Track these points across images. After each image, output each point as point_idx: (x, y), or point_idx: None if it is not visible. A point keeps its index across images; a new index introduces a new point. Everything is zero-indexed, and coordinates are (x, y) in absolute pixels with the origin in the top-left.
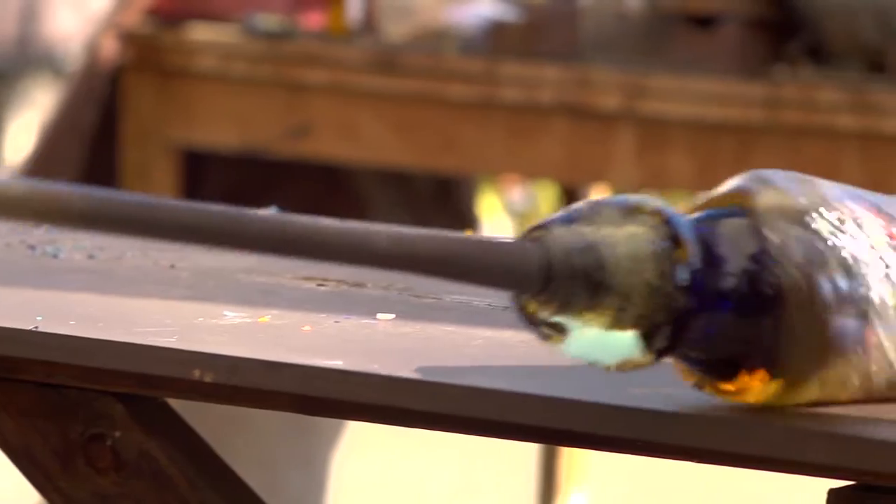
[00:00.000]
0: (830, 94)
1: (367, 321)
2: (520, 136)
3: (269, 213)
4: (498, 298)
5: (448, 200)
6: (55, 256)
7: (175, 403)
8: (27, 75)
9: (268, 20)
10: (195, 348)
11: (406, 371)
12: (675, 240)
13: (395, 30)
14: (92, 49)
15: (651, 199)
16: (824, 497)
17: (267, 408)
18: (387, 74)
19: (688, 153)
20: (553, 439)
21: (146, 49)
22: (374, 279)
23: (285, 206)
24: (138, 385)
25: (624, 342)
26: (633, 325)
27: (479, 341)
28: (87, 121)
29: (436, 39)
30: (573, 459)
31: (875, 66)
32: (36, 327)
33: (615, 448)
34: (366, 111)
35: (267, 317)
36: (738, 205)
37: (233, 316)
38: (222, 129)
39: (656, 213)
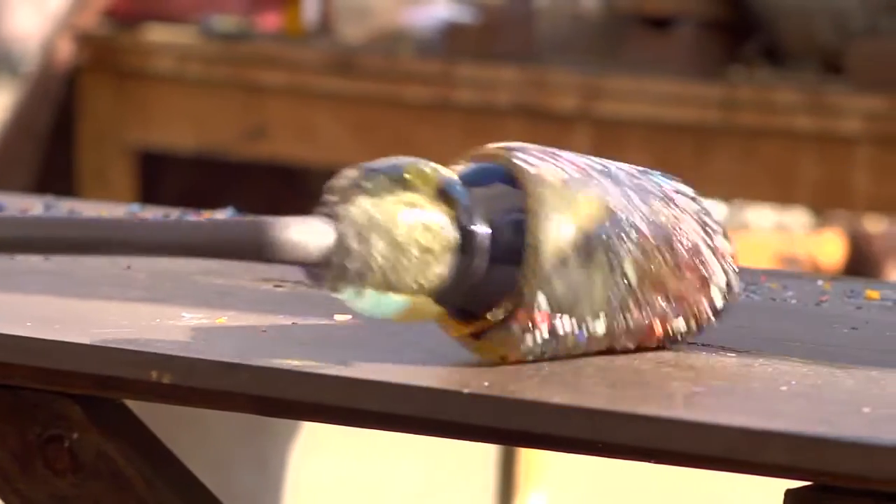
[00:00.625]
0: (787, 96)
1: (324, 322)
2: (476, 137)
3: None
4: None
5: None
6: (11, 258)
7: (129, 403)
8: None
9: (224, 21)
10: (153, 350)
11: (364, 372)
12: (448, 202)
13: (352, 31)
14: (47, 50)
15: (423, 163)
16: (781, 497)
17: (225, 409)
18: (343, 76)
19: (645, 154)
20: (510, 440)
21: (102, 50)
22: None
23: (242, 208)
24: (96, 386)
25: (404, 299)
26: (413, 284)
27: (434, 343)
28: (43, 123)
29: (392, 41)
30: (531, 460)
31: (831, 67)
32: None
33: (573, 449)
34: (322, 112)
35: (224, 318)
36: (499, 161)
37: (190, 317)
38: (179, 130)
39: (429, 176)
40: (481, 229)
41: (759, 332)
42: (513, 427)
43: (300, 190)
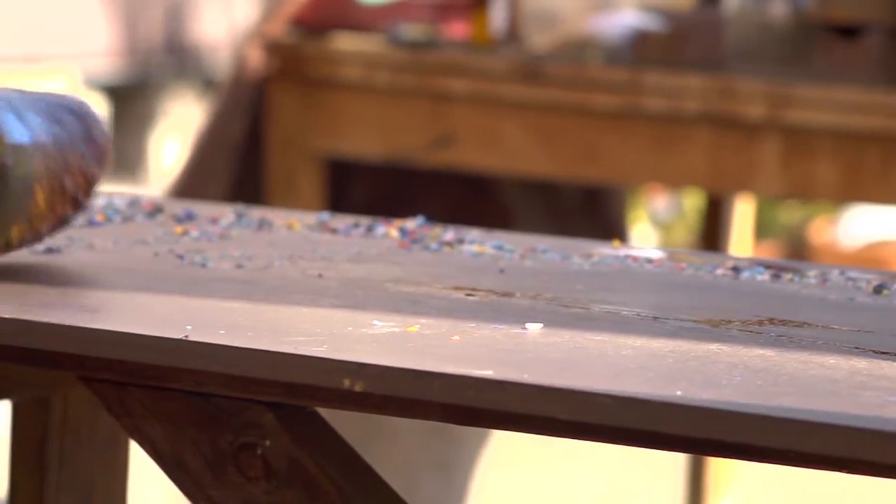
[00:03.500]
0: None
1: (516, 331)
2: (664, 145)
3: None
4: (647, 309)
5: (596, 210)
6: (203, 266)
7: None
8: (174, 83)
9: (412, 30)
10: (345, 357)
11: (556, 380)
12: None
13: (539, 39)
14: (238, 59)
15: None
16: None
17: (416, 417)
18: (530, 84)
19: (833, 162)
20: (702, 449)
21: (291, 59)
22: (523, 289)
23: (431, 216)
24: (288, 394)
25: None
26: None
27: (628, 351)
28: (236, 132)
29: (579, 49)
30: (721, 468)
31: None
32: (186, 336)
33: (765, 458)
34: (509, 121)
35: (416, 326)
36: None
37: (382, 325)
38: (366, 138)
39: None
40: None
41: None
42: (705, 436)
43: (487, 198)
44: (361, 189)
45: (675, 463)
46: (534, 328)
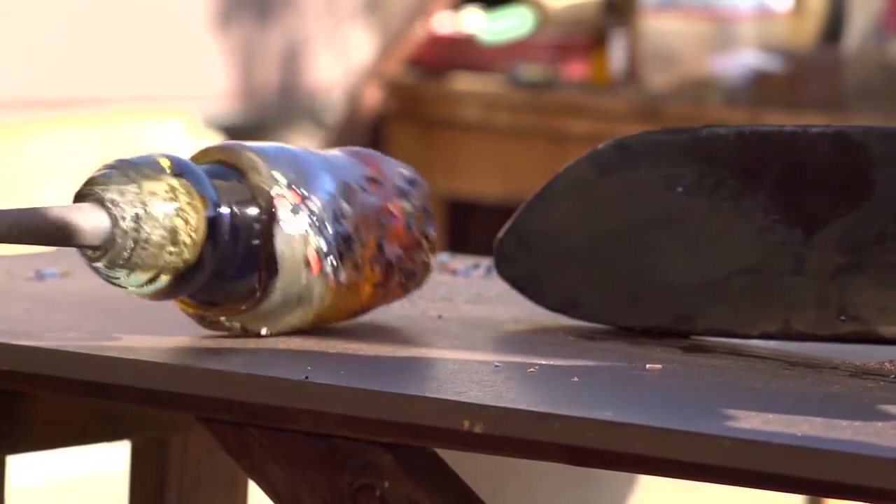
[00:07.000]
0: None
1: (636, 372)
2: None
3: None
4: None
5: None
6: None
7: (447, 453)
8: (289, 125)
9: (531, 70)
10: (463, 399)
11: (675, 422)
12: (195, 197)
13: (658, 79)
14: (354, 98)
15: (173, 157)
16: None
17: (536, 458)
18: (649, 124)
19: None
20: (822, 491)
21: (408, 99)
22: None
23: None
24: (407, 435)
25: (160, 283)
26: (167, 271)
27: (748, 393)
28: None
29: (699, 89)
30: None
31: None
32: (305, 377)
33: (885, 501)
34: None
35: (535, 367)
36: (231, 165)
37: (501, 366)
38: (485, 178)
39: (180, 171)
40: (227, 218)
41: None
42: (825, 478)
43: None
44: (482, 229)
45: None
46: (654, 369)
